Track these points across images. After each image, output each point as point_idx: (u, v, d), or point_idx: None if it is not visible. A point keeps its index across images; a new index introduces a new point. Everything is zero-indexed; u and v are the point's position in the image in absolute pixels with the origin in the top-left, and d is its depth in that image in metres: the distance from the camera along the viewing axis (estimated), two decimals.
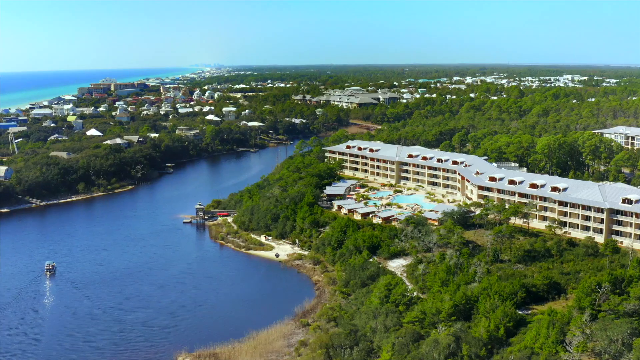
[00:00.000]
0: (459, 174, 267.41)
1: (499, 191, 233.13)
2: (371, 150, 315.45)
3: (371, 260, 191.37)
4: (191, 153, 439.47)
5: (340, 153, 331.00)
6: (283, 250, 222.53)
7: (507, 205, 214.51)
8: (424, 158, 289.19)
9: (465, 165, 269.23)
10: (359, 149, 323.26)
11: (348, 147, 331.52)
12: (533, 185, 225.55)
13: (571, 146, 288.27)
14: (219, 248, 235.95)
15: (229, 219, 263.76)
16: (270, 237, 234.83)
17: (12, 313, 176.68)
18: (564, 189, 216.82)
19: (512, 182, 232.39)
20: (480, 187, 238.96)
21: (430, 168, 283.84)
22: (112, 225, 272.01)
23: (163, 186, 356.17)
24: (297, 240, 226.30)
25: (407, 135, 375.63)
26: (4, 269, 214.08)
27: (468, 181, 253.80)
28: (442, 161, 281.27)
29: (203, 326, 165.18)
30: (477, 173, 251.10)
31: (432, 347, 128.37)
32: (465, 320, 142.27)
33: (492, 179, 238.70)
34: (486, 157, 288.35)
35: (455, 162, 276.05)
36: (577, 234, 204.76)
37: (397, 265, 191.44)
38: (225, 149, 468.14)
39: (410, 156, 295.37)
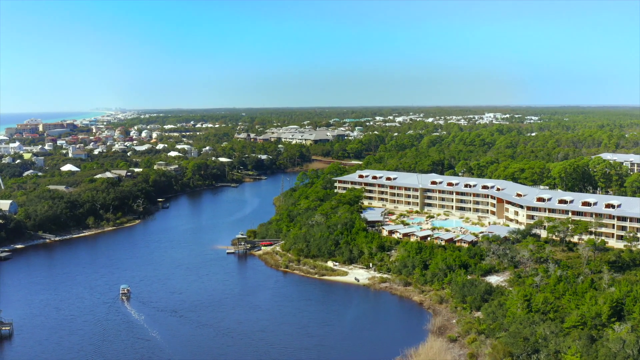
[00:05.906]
0: (492, 197, 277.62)
1: (550, 210, 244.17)
2: (388, 178, 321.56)
3: (470, 277, 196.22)
4: (175, 188, 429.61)
5: (352, 182, 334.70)
6: (358, 274, 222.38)
7: (569, 225, 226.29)
8: (450, 184, 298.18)
9: (498, 189, 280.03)
10: (374, 177, 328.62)
11: (361, 176, 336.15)
12: (585, 203, 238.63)
13: (583, 170, 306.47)
14: (282, 275, 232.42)
15: (277, 248, 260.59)
16: (337, 263, 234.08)
17: (119, 345, 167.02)
18: (619, 206, 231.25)
19: (562, 201, 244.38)
20: (529, 208, 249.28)
21: (458, 193, 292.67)
22: (151, 256, 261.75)
23: (169, 220, 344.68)
24: (371, 264, 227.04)
25: (404, 166, 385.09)
26: (70, 302, 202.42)
27: (509, 203, 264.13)
28: (470, 186, 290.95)
29: (349, 345, 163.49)
30: (519, 195, 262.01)
31: (620, 345, 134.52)
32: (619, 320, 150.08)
33: (541, 199, 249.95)
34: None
35: (485, 187, 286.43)
36: (638, 246, 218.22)
37: (495, 280, 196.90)
38: (205, 184, 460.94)
39: (434, 183, 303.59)
